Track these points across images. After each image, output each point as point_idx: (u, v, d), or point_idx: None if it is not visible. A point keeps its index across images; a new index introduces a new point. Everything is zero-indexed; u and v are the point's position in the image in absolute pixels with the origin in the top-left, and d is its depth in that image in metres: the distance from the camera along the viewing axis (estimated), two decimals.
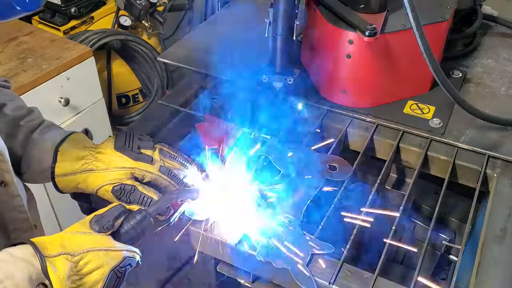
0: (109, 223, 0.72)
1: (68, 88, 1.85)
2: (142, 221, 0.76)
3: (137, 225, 0.75)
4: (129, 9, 2.28)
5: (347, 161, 1.00)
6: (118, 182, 0.82)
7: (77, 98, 1.91)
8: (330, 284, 0.79)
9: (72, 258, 0.67)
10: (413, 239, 1.37)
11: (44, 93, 1.76)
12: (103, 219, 0.72)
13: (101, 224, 0.72)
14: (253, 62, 1.28)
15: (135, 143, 0.86)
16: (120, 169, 0.82)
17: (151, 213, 0.77)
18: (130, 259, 0.73)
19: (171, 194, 0.80)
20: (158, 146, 0.88)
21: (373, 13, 1.05)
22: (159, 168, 0.84)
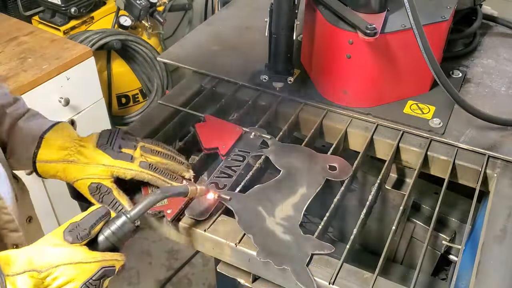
0: (84, 232, 0.68)
1: (68, 88, 1.85)
2: (122, 226, 0.71)
3: (117, 230, 0.71)
4: (129, 9, 2.28)
5: (347, 161, 1.00)
6: (97, 179, 0.83)
7: (77, 98, 1.91)
8: (330, 284, 0.79)
9: (39, 274, 0.64)
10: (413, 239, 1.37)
11: (44, 93, 1.76)
12: (78, 228, 0.68)
13: (75, 234, 0.67)
14: (253, 62, 1.28)
15: (117, 142, 0.86)
16: (100, 165, 0.83)
17: (132, 217, 0.72)
18: (107, 269, 0.68)
19: (153, 195, 0.75)
20: (140, 143, 0.88)
21: (373, 13, 1.05)
22: (139, 164, 0.84)
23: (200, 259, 2.53)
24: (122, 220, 0.71)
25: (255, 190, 0.93)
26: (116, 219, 0.72)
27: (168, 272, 2.49)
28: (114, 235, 0.71)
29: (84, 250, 0.68)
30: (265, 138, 1.05)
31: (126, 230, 0.72)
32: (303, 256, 0.82)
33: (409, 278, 1.36)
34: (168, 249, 2.58)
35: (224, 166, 0.99)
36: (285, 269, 0.80)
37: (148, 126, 1.10)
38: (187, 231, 0.89)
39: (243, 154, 1.02)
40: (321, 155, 1.01)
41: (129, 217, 0.72)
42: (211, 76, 1.25)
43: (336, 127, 1.12)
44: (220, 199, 0.90)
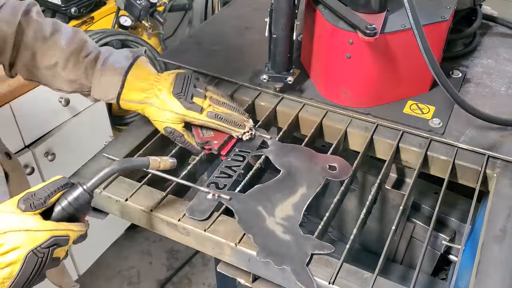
0: (39, 201, 0.69)
1: None
2: (78, 197, 0.73)
3: (73, 201, 0.72)
4: (129, 9, 2.28)
5: (347, 161, 1.00)
6: (171, 124, 0.99)
7: (77, 98, 1.91)
8: (330, 284, 0.79)
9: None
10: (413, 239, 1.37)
11: (44, 93, 1.76)
12: (33, 197, 0.70)
13: (29, 203, 0.69)
14: (253, 62, 1.28)
15: (190, 91, 0.99)
16: (173, 113, 0.98)
17: (88, 188, 0.73)
18: (59, 239, 0.70)
19: (109, 167, 0.76)
20: (209, 93, 1.02)
21: (373, 13, 1.05)
22: (207, 114, 0.99)
23: (200, 259, 2.53)
24: (79, 191, 0.73)
25: (255, 190, 0.93)
26: (73, 190, 0.73)
27: (168, 272, 2.49)
28: (71, 206, 0.72)
29: (36, 218, 0.69)
30: (265, 138, 1.05)
31: (82, 201, 0.73)
32: (303, 256, 0.82)
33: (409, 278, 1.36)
34: (168, 249, 2.58)
35: (224, 166, 0.99)
36: (285, 269, 0.80)
37: (148, 126, 1.10)
38: (187, 231, 0.89)
39: (243, 154, 1.02)
40: (321, 155, 1.01)
41: (85, 188, 0.73)
42: (211, 76, 1.25)
43: (336, 127, 1.12)
44: (219, 198, 0.90)
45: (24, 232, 0.67)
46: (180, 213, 0.90)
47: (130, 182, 0.97)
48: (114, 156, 1.02)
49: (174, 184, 0.95)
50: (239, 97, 1.20)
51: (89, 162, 1.02)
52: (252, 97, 1.18)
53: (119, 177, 0.97)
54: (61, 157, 1.84)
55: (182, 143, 1.01)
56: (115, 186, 0.96)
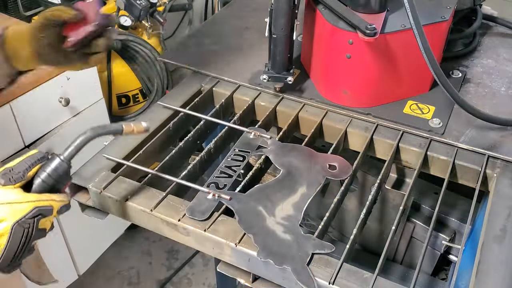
0: (18, 174, 0.70)
1: (68, 88, 1.85)
2: (56, 168, 0.74)
3: (52, 172, 0.73)
4: (129, 9, 2.28)
5: (347, 161, 1.00)
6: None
7: (77, 98, 1.91)
8: (330, 284, 0.79)
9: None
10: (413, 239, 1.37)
11: (44, 93, 1.76)
12: (12, 172, 0.71)
13: (8, 177, 0.70)
14: (253, 62, 1.28)
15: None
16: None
17: (65, 158, 0.75)
18: (43, 209, 0.71)
19: (83, 135, 0.77)
20: None
21: (373, 13, 1.05)
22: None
23: (200, 259, 2.53)
24: (56, 162, 0.74)
25: (255, 190, 0.93)
26: (51, 162, 0.74)
27: (168, 272, 2.49)
28: (50, 177, 0.73)
29: (18, 191, 0.70)
30: (265, 138, 1.05)
31: (61, 172, 0.74)
32: (304, 256, 0.82)
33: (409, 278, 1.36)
34: (168, 249, 2.58)
35: (224, 166, 0.99)
36: (285, 268, 0.80)
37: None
38: (187, 231, 0.89)
39: (243, 154, 1.02)
40: (321, 155, 1.01)
41: (62, 158, 0.74)
42: (211, 76, 1.25)
43: (336, 127, 1.12)
44: (219, 198, 0.90)
45: (7, 205, 0.68)
46: (180, 213, 0.90)
47: (130, 182, 0.97)
48: (114, 156, 1.02)
49: (174, 184, 0.95)
50: (239, 97, 1.20)
51: (89, 162, 1.02)
52: (252, 97, 1.18)
53: (119, 177, 0.97)
54: None
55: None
56: (115, 186, 0.96)
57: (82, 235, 2.04)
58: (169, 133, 1.09)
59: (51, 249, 1.92)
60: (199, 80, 1.25)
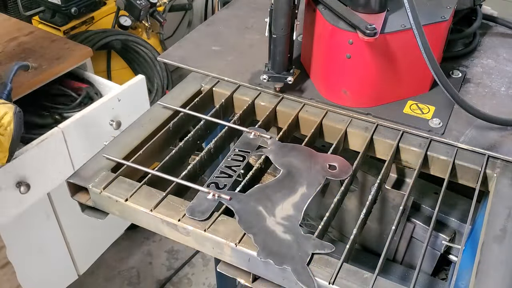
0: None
1: (119, 111, 1.82)
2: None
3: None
4: (129, 9, 2.28)
5: (347, 161, 1.00)
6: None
7: (128, 119, 1.88)
8: (330, 284, 0.79)
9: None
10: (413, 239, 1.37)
11: (95, 115, 1.73)
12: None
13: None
14: (253, 62, 1.28)
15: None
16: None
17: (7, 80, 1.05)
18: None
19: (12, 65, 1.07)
20: None
21: (373, 13, 1.05)
22: None
23: (200, 259, 2.53)
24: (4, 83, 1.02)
25: (255, 190, 0.93)
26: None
27: (168, 272, 2.49)
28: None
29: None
30: (265, 138, 1.05)
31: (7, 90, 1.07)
32: (304, 256, 0.82)
33: (409, 278, 1.36)
34: (168, 249, 2.58)
35: (224, 166, 0.99)
36: (285, 268, 0.80)
37: (148, 126, 1.10)
38: (187, 231, 0.89)
39: (243, 154, 1.02)
40: (321, 155, 1.01)
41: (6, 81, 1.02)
42: (211, 76, 1.25)
43: (336, 127, 1.12)
44: (219, 198, 0.90)
45: (2, 104, 0.96)
46: (180, 213, 0.90)
47: (130, 182, 0.97)
48: (114, 156, 1.02)
49: (174, 184, 0.95)
50: (239, 97, 1.20)
51: (89, 162, 1.02)
52: (252, 97, 1.18)
53: (119, 177, 0.97)
54: None
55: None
56: (115, 186, 0.96)
57: (82, 235, 2.04)
58: (169, 133, 1.09)
59: (51, 249, 1.92)
60: (199, 80, 1.25)
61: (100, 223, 1.02)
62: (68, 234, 2.01)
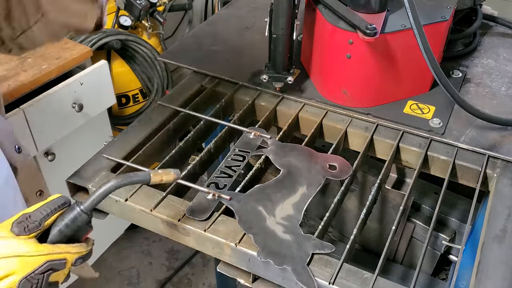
0: (34, 223, 0.65)
1: (81, 94, 1.83)
2: (75, 218, 0.68)
3: (71, 223, 0.68)
4: (129, 9, 2.28)
5: (347, 161, 1.00)
6: None
7: (91, 103, 1.89)
8: (330, 284, 0.79)
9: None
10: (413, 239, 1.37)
11: (57, 98, 1.74)
12: (28, 220, 0.66)
13: (23, 226, 0.65)
14: (253, 62, 1.28)
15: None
16: None
17: (85, 208, 0.69)
18: (55, 263, 0.66)
19: (108, 184, 0.71)
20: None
21: (373, 13, 1.05)
22: None
23: (200, 259, 2.53)
24: (75, 212, 0.68)
25: (255, 190, 0.93)
26: (70, 211, 0.69)
27: (168, 272, 2.48)
28: (68, 228, 0.68)
29: (30, 242, 0.65)
30: (265, 138, 1.05)
31: (80, 223, 0.69)
32: (304, 256, 0.82)
33: (409, 278, 1.36)
34: (168, 249, 2.58)
35: (224, 166, 0.99)
36: (285, 268, 0.80)
37: (148, 126, 1.10)
38: (187, 231, 0.89)
39: (243, 154, 1.02)
40: (321, 155, 1.01)
41: (82, 209, 0.68)
42: (211, 76, 1.25)
43: (336, 127, 1.12)
44: (219, 198, 0.90)
45: (17, 258, 0.63)
46: (180, 213, 0.90)
47: None
48: (114, 156, 1.01)
49: (174, 184, 0.95)
50: (239, 97, 1.20)
51: (89, 162, 1.02)
52: (252, 97, 1.18)
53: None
54: (61, 157, 1.83)
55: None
56: None
57: None
58: (169, 133, 1.09)
59: None
60: (199, 80, 1.25)
61: (100, 223, 1.02)
62: None
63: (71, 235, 0.69)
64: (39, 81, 1.73)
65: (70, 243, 0.68)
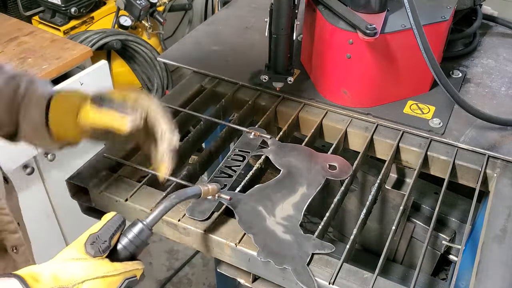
0: (105, 244, 0.67)
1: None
2: (139, 234, 0.70)
3: (135, 239, 0.70)
4: (129, 9, 2.28)
5: (347, 161, 1.00)
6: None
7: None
8: (330, 284, 0.79)
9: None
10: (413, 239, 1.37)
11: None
12: (98, 240, 0.67)
13: (97, 247, 0.67)
14: (253, 62, 1.28)
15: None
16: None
17: (148, 224, 0.71)
18: (130, 280, 0.68)
19: (168, 201, 0.74)
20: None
21: (373, 13, 1.05)
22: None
23: (200, 259, 2.53)
24: (139, 228, 0.70)
25: (255, 190, 0.93)
26: (133, 227, 0.70)
27: (168, 272, 2.48)
28: (132, 244, 0.69)
29: (107, 263, 0.67)
30: (265, 138, 1.05)
31: (144, 238, 0.70)
32: (304, 256, 0.82)
33: (409, 278, 1.36)
34: (168, 249, 2.58)
35: (224, 166, 0.99)
36: (285, 268, 0.80)
37: None
38: (187, 231, 0.89)
39: (243, 154, 1.02)
40: (321, 154, 1.01)
41: (145, 224, 0.70)
42: (211, 76, 1.25)
43: (336, 127, 1.12)
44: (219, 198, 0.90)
45: (100, 279, 0.65)
46: (180, 213, 0.90)
47: (130, 182, 0.97)
48: (114, 156, 1.01)
49: (174, 184, 0.95)
50: (239, 97, 1.20)
51: (89, 162, 1.02)
52: (252, 97, 1.18)
53: (119, 177, 0.97)
54: (61, 157, 1.83)
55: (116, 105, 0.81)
56: (115, 186, 0.95)
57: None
58: None
59: (51, 249, 1.92)
60: (199, 80, 1.25)
61: None
62: (68, 234, 2.01)
63: (133, 252, 0.70)
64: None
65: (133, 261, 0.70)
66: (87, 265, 0.66)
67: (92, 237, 0.67)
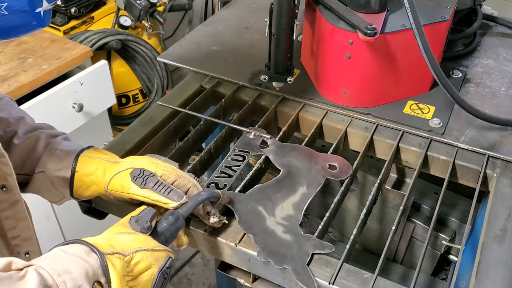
0: (147, 224, 0.71)
1: (81, 94, 1.83)
2: (175, 222, 0.75)
3: (170, 226, 0.75)
4: (129, 9, 2.28)
5: (347, 161, 1.00)
6: (140, 165, 0.82)
7: (91, 103, 1.89)
8: (330, 284, 0.79)
9: (123, 257, 0.66)
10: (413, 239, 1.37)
11: (57, 98, 1.74)
12: (141, 220, 0.72)
13: (142, 225, 0.71)
14: (253, 62, 1.28)
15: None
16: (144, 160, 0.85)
17: (183, 213, 0.76)
18: (171, 260, 0.72)
19: (198, 196, 0.79)
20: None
21: (373, 13, 1.05)
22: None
23: (200, 259, 2.53)
24: (176, 216, 0.75)
25: (255, 190, 0.93)
26: (169, 216, 0.75)
27: None
28: (168, 231, 0.74)
29: (152, 239, 0.71)
30: (265, 138, 1.05)
31: (178, 226, 0.76)
32: (304, 256, 0.82)
33: (409, 278, 1.36)
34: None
35: (224, 166, 0.99)
36: (285, 268, 0.80)
37: (148, 126, 1.10)
38: (187, 231, 0.89)
39: (243, 154, 1.02)
40: (321, 154, 1.01)
41: (181, 214, 0.76)
42: (211, 76, 1.25)
43: (336, 127, 1.12)
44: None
45: (151, 252, 0.69)
46: None
47: None
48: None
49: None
50: (239, 97, 1.20)
51: None
52: (252, 97, 1.18)
53: None
54: None
55: (155, 185, 0.79)
56: None
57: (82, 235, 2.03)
58: (169, 133, 1.09)
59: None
60: (199, 80, 1.25)
61: (100, 223, 1.02)
62: (68, 234, 2.01)
63: (167, 238, 0.75)
64: (39, 81, 1.73)
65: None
66: (137, 238, 0.69)
67: (133, 217, 0.72)
